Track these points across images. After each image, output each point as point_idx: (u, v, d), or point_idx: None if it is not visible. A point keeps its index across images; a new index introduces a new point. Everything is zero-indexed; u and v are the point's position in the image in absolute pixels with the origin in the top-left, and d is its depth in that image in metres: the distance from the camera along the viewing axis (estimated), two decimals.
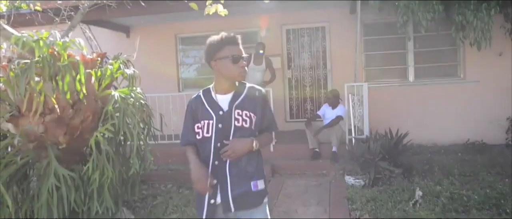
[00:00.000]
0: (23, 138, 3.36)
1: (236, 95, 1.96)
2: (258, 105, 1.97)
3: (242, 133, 1.91)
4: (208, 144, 1.93)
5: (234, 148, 1.87)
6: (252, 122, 1.94)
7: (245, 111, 1.93)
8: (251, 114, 1.94)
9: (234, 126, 1.91)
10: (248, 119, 1.92)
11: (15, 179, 3.52)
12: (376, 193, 4.22)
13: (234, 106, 1.93)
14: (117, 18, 6.49)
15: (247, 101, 1.95)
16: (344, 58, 6.92)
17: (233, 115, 1.91)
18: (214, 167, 1.91)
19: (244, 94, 1.97)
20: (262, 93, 2.01)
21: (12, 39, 2.99)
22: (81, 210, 3.52)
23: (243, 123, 1.91)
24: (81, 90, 3.22)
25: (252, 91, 1.99)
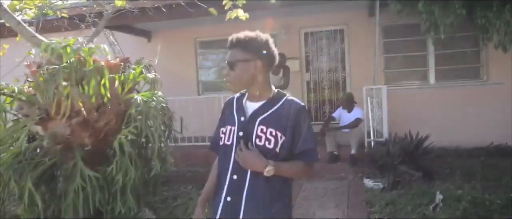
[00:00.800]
0: (51, 140, 3.51)
1: (265, 107, 1.65)
2: (290, 124, 1.59)
3: (263, 155, 1.58)
4: (229, 154, 1.66)
5: (244, 158, 1.59)
6: (278, 143, 1.59)
7: (271, 128, 1.59)
8: (277, 133, 1.59)
9: (255, 144, 1.60)
10: (272, 138, 1.59)
11: (43, 179, 3.68)
12: (395, 196, 4.19)
13: (258, 120, 1.62)
14: (139, 23, 6.68)
15: (275, 117, 1.61)
16: (363, 61, 6.89)
17: (256, 131, 1.61)
18: (231, 182, 1.64)
19: (276, 108, 1.63)
20: (299, 110, 1.62)
21: (41, 46, 3.14)
22: (105, 210, 3.65)
23: (266, 143, 1.59)
24: (105, 94, 3.34)
25: (287, 106, 1.63)
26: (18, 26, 3.48)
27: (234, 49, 1.64)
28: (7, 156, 3.30)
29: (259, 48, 1.62)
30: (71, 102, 3.26)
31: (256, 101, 1.67)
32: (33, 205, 3.42)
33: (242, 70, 1.61)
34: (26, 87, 3.48)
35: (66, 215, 3.50)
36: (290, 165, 1.62)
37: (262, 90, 1.65)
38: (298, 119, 1.60)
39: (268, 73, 1.66)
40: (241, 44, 1.62)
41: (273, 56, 1.67)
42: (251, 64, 1.61)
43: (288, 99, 1.66)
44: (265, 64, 1.64)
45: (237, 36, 1.64)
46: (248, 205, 1.59)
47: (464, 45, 6.63)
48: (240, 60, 1.61)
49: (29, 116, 3.45)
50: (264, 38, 1.64)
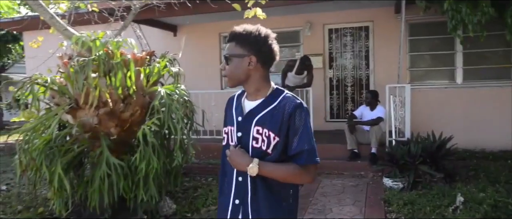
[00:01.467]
0: (80, 129, 3.69)
1: (262, 106, 1.54)
2: (284, 123, 1.48)
3: (261, 157, 1.50)
4: None
5: (230, 158, 1.53)
6: (270, 144, 1.48)
7: (266, 129, 1.49)
8: (270, 134, 1.48)
9: (252, 146, 1.51)
10: (266, 139, 1.49)
11: (72, 165, 3.87)
12: (414, 196, 4.15)
13: (254, 121, 1.52)
14: (165, 18, 6.83)
15: (271, 116, 1.50)
16: (388, 59, 6.80)
17: (252, 133, 1.51)
18: (237, 184, 1.56)
19: (272, 107, 1.52)
20: (295, 108, 1.49)
21: (72, 39, 3.30)
22: (128, 197, 3.81)
23: (262, 144, 1.49)
24: (131, 86, 3.48)
25: (283, 104, 1.51)
26: (52, 19, 3.65)
27: (231, 42, 1.55)
28: (39, 142, 3.49)
29: (256, 43, 1.51)
30: (99, 93, 3.41)
31: (253, 99, 1.57)
32: (62, 189, 3.60)
33: (236, 65, 1.52)
34: (58, 77, 3.66)
35: (92, 200, 3.68)
36: (279, 165, 1.49)
37: (259, 87, 1.55)
38: (293, 118, 1.47)
39: (266, 70, 1.55)
40: (237, 38, 1.53)
41: (271, 53, 1.54)
42: (246, 59, 1.51)
43: (286, 96, 1.54)
44: (262, 60, 1.52)
45: (235, 30, 1.55)
46: (253, 207, 1.53)
47: (494, 44, 6.42)
48: (235, 54, 1.52)
49: (60, 105, 3.64)
50: (264, 33, 1.52)
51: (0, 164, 7.15)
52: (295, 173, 1.49)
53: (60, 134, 3.67)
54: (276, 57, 1.57)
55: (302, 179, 1.53)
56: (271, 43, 1.53)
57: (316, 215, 3.82)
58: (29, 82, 3.35)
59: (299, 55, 7.24)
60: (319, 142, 5.40)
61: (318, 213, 3.88)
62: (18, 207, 4.46)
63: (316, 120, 6.63)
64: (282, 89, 1.58)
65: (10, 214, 4.26)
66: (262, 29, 1.53)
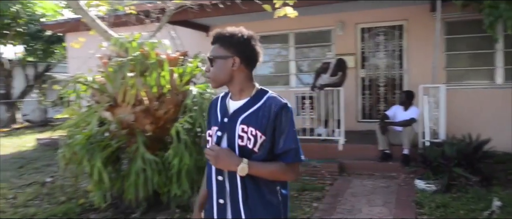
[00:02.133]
0: (118, 125, 3.89)
1: (247, 105, 1.57)
2: (270, 122, 1.51)
3: (247, 155, 1.52)
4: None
5: (216, 157, 1.51)
6: (257, 142, 1.51)
7: (251, 127, 1.52)
8: (257, 132, 1.51)
9: (238, 145, 1.53)
10: (252, 137, 1.51)
11: (110, 160, 4.09)
12: (448, 199, 4.05)
13: (239, 119, 1.55)
14: (198, 19, 7.01)
15: (256, 115, 1.53)
16: (422, 58, 6.62)
17: (237, 131, 1.53)
18: (218, 183, 1.59)
19: (257, 106, 1.55)
20: (280, 107, 1.52)
21: (111, 41, 3.49)
22: (162, 192, 3.97)
23: (248, 142, 1.52)
24: (165, 85, 3.63)
25: (268, 104, 1.54)
26: (93, 22, 3.88)
27: (215, 44, 1.58)
28: (81, 138, 3.72)
29: (239, 44, 1.54)
30: (136, 92, 3.58)
31: (238, 99, 1.59)
32: (101, 182, 3.82)
33: (220, 67, 1.55)
34: (98, 77, 3.88)
35: (128, 193, 3.87)
36: (267, 164, 1.52)
37: (243, 88, 1.58)
38: (279, 117, 1.51)
39: (249, 71, 1.58)
40: (221, 40, 1.56)
41: (254, 54, 1.58)
42: (229, 61, 1.54)
43: (270, 96, 1.57)
44: (245, 61, 1.55)
45: (219, 32, 1.58)
46: (234, 205, 1.55)
47: None
48: (219, 56, 1.55)
49: (100, 103, 3.85)
50: (247, 35, 1.55)
51: (45, 158, 7.63)
52: (281, 171, 1.53)
53: (99, 130, 3.89)
54: (259, 58, 1.60)
55: (288, 177, 1.59)
56: (254, 44, 1.57)
57: (345, 215, 3.82)
58: (72, 82, 3.58)
59: (330, 54, 7.20)
60: (350, 142, 5.38)
61: (347, 213, 3.87)
62: (61, 198, 4.76)
63: (347, 120, 6.58)
64: (265, 89, 1.61)
65: (54, 204, 4.56)
66: (245, 31, 1.57)
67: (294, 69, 7.93)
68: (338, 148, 5.81)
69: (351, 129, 6.78)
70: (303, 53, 7.98)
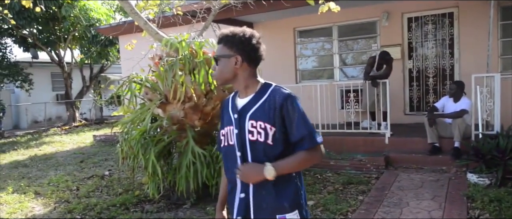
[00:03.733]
0: (169, 121, 4.13)
1: (253, 101, 1.64)
2: (277, 113, 1.57)
3: (258, 149, 1.59)
4: (234, 154, 1.66)
5: (243, 175, 1.59)
6: (268, 135, 1.57)
7: (260, 121, 1.58)
8: (266, 125, 1.57)
9: (249, 140, 1.60)
10: (262, 131, 1.58)
11: (162, 154, 4.35)
12: (503, 193, 3.88)
13: (248, 115, 1.62)
14: (242, 16, 7.16)
15: (263, 109, 1.60)
16: (475, 46, 6.31)
17: (247, 127, 1.61)
18: (242, 185, 1.65)
19: (263, 100, 1.62)
20: (285, 98, 1.59)
21: (162, 42, 3.71)
22: (210, 184, 4.17)
23: (258, 136, 1.58)
24: (212, 82, 3.80)
25: (273, 96, 1.61)
26: (145, 25, 4.14)
27: (219, 45, 1.67)
28: (136, 133, 4.00)
29: (241, 43, 1.61)
30: (185, 89, 3.79)
31: (244, 97, 1.67)
32: (154, 175, 4.09)
33: (224, 65, 1.63)
34: (150, 76, 4.13)
35: (179, 185, 4.11)
36: (290, 159, 1.58)
37: (247, 84, 1.65)
38: (286, 107, 1.57)
39: (253, 68, 1.65)
40: (224, 40, 1.64)
41: (256, 52, 1.64)
42: (232, 59, 1.61)
43: (274, 89, 1.64)
44: (247, 59, 1.62)
45: (223, 32, 1.67)
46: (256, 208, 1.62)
47: None
48: (222, 55, 1.64)
49: (152, 100, 4.11)
50: (248, 34, 1.62)
51: (102, 153, 8.20)
52: (304, 159, 1.59)
53: (153, 126, 4.16)
54: (261, 56, 1.66)
55: (312, 161, 1.64)
56: (255, 43, 1.62)
57: (392, 208, 3.79)
58: (128, 81, 3.85)
59: (375, 46, 7.06)
60: (397, 135, 5.29)
61: (393, 206, 3.84)
62: (119, 190, 5.13)
63: (394, 113, 6.43)
64: (270, 83, 1.67)
65: (113, 195, 4.92)
66: (247, 31, 1.63)
67: (338, 62, 7.86)
68: (384, 141, 5.72)
69: (398, 122, 6.63)
70: (348, 46, 7.88)
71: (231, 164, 1.68)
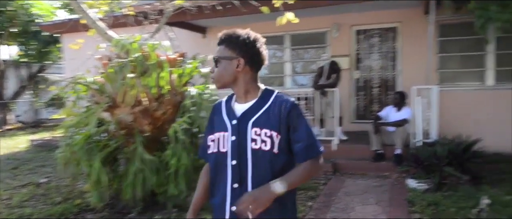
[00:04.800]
0: (116, 126, 3.95)
1: (255, 107, 1.56)
2: (283, 121, 1.51)
3: (260, 158, 1.50)
4: (224, 162, 1.55)
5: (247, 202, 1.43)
6: (274, 143, 1.50)
7: (265, 129, 1.50)
8: (272, 133, 1.50)
9: (251, 149, 1.51)
10: (268, 139, 1.50)
11: (107, 161, 4.14)
12: (439, 197, 4.16)
13: (250, 122, 1.53)
14: (196, 20, 7.08)
15: (267, 116, 1.52)
16: (416, 60, 6.76)
17: (249, 135, 1.52)
18: (233, 191, 1.53)
19: (266, 107, 1.55)
20: (291, 106, 1.53)
21: (113, 42, 3.55)
22: (159, 192, 4.03)
23: (262, 145, 1.49)
24: (165, 86, 3.69)
25: (278, 103, 1.54)
26: (94, 23, 3.93)
27: (220, 46, 1.58)
28: (80, 138, 3.77)
29: (245, 45, 1.54)
30: (136, 93, 3.64)
31: (244, 102, 1.58)
32: (99, 182, 3.87)
33: (225, 68, 1.55)
34: (98, 77, 3.93)
35: (125, 194, 3.93)
36: (296, 171, 1.52)
37: (248, 89, 1.57)
38: (292, 115, 1.52)
39: (254, 72, 1.59)
40: (226, 41, 1.57)
41: (259, 56, 1.58)
42: (234, 62, 1.54)
43: (278, 95, 1.58)
44: (250, 63, 1.55)
45: (225, 33, 1.59)
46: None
47: None
48: (223, 57, 1.56)
49: (99, 103, 3.91)
50: (253, 37, 1.57)
51: (39, 159, 7.62)
52: (310, 170, 1.53)
53: (98, 130, 3.94)
54: (264, 60, 1.60)
55: (316, 171, 1.59)
56: (260, 46, 1.57)
57: (339, 214, 3.91)
58: (73, 82, 3.63)
59: (325, 56, 7.30)
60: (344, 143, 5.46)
61: (341, 212, 3.96)
62: (57, 199, 4.78)
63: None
64: (272, 89, 1.62)
65: (50, 205, 4.58)
66: (251, 33, 1.58)
67: (289, 70, 8.03)
68: (332, 148, 5.91)
69: (345, 129, 6.88)
70: (299, 54, 8.08)
71: (219, 173, 1.58)
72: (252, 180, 1.52)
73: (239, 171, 1.53)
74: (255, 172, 1.52)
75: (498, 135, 5.98)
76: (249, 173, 1.53)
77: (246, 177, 1.53)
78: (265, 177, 1.51)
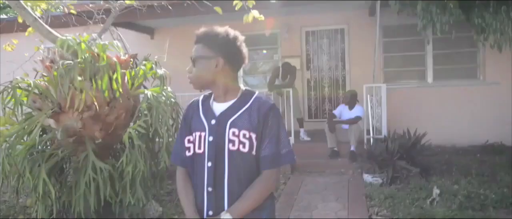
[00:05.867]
0: (63, 133, 3.62)
1: (234, 107, 1.50)
2: (261, 123, 1.45)
3: (237, 159, 1.44)
4: (201, 163, 1.49)
5: None
6: (253, 145, 1.44)
7: (244, 130, 1.44)
8: (251, 135, 1.44)
9: (228, 149, 1.45)
10: (247, 141, 1.44)
11: (54, 171, 3.79)
12: (394, 191, 4.34)
13: (229, 123, 1.46)
14: (143, 21, 6.77)
15: (246, 117, 1.46)
16: (363, 60, 7.04)
17: (227, 135, 1.45)
18: (208, 194, 1.48)
19: (246, 108, 1.48)
20: (268, 108, 1.47)
21: (57, 42, 3.25)
22: (113, 202, 3.76)
23: (240, 146, 1.43)
24: (117, 89, 3.46)
25: (257, 104, 1.48)
26: (35, 22, 3.58)
27: (198, 44, 1.51)
28: (22, 148, 3.41)
29: (223, 44, 1.48)
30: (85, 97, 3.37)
31: (222, 101, 1.52)
32: (45, 196, 3.53)
33: (203, 68, 1.48)
34: (39, 81, 3.58)
35: (77, 206, 3.61)
36: (246, 197, 1.43)
37: (227, 89, 1.51)
38: (267, 119, 1.45)
39: (234, 72, 1.53)
40: (204, 39, 1.50)
41: (240, 55, 1.52)
42: (213, 61, 1.47)
43: (257, 97, 1.52)
44: (230, 62, 1.49)
45: (203, 31, 1.51)
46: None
47: (461, 45, 6.79)
48: (202, 56, 1.48)
49: (42, 110, 3.56)
50: (232, 35, 1.50)
51: None
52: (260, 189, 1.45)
53: (43, 139, 3.60)
54: (245, 59, 1.55)
55: (268, 189, 1.49)
56: (240, 45, 1.52)
57: (302, 212, 3.93)
58: (11, 87, 3.27)
59: (276, 57, 7.37)
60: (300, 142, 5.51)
61: (304, 210, 3.98)
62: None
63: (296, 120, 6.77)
64: (252, 90, 1.56)
65: None
66: (230, 31, 1.51)
67: (241, 71, 7.98)
68: None
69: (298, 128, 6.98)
70: (250, 56, 8.05)
71: (197, 175, 1.51)
72: (228, 183, 1.46)
73: (214, 174, 1.46)
74: (231, 174, 1.46)
75: (438, 129, 6.39)
76: (226, 175, 1.47)
77: (222, 180, 1.46)
78: (242, 180, 1.46)
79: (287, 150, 1.50)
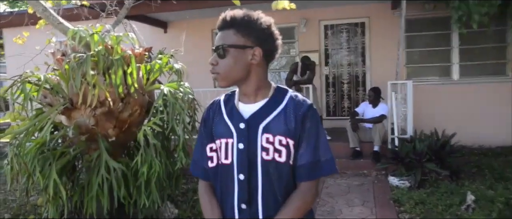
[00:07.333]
0: (76, 130, 3.43)
1: (267, 109, 1.25)
2: (298, 126, 1.23)
3: (272, 171, 1.22)
4: (230, 175, 1.26)
5: None
6: (291, 153, 1.23)
7: (280, 136, 1.21)
8: (288, 141, 1.22)
9: (262, 159, 1.22)
10: (283, 148, 1.21)
11: (65, 170, 3.61)
12: (423, 195, 4.06)
13: (261, 127, 1.23)
14: (157, 14, 6.56)
15: (282, 120, 1.23)
16: (384, 55, 6.73)
17: (260, 142, 1.22)
18: (241, 211, 1.26)
19: (280, 109, 1.24)
20: (307, 109, 1.25)
21: (68, 33, 3.04)
22: (127, 203, 3.57)
23: (276, 155, 1.21)
24: (132, 84, 3.24)
25: (293, 104, 1.25)
26: (45, 12, 3.37)
27: (227, 30, 1.23)
28: (32, 146, 3.23)
29: (262, 32, 1.23)
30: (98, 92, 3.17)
31: (252, 102, 1.27)
32: (56, 196, 3.35)
33: (235, 59, 1.22)
34: (51, 75, 3.39)
35: (89, 207, 3.43)
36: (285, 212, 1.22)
37: (260, 87, 1.27)
38: (308, 121, 1.23)
39: (267, 66, 1.29)
40: (237, 24, 1.23)
41: (277, 46, 1.29)
42: (249, 52, 1.22)
43: (292, 95, 1.28)
44: (266, 54, 1.25)
45: (233, 14, 1.23)
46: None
47: (489, 40, 6.42)
48: (235, 45, 1.22)
49: (53, 105, 3.37)
50: (268, 21, 1.26)
51: None
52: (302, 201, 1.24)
53: (54, 137, 3.41)
54: (279, 51, 1.32)
55: (309, 203, 1.27)
56: (276, 32, 1.29)
57: (326, 217, 3.68)
58: (20, 81, 3.07)
59: (294, 52, 7.09)
60: None
61: (328, 215, 3.74)
62: (5, 215, 4.17)
63: None
64: (285, 87, 1.33)
65: None
66: (265, 17, 1.27)
67: None
68: None
69: None
70: None
71: (225, 190, 1.27)
72: (262, 199, 1.24)
73: (248, 188, 1.23)
74: (265, 189, 1.23)
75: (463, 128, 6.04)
76: (259, 190, 1.24)
77: (256, 196, 1.24)
78: (277, 195, 1.24)
79: (327, 158, 1.25)
